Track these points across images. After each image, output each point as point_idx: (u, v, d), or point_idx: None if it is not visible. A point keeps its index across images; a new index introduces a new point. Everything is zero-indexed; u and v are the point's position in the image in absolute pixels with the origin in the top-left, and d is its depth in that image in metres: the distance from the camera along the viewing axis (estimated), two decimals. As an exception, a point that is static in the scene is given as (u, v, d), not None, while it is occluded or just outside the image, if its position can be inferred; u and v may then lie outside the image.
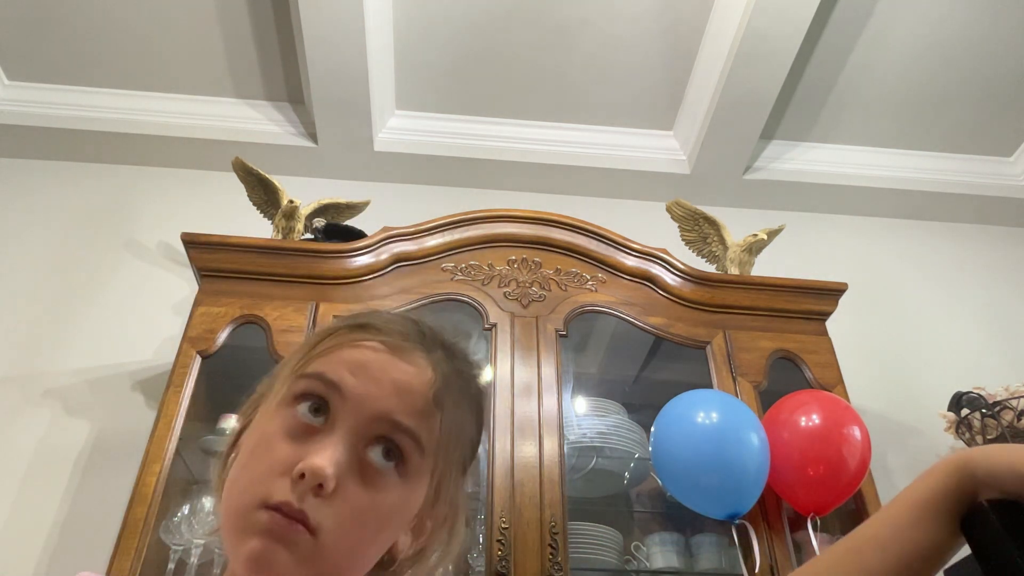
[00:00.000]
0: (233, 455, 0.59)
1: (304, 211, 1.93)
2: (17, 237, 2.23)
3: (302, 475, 0.51)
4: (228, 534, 0.53)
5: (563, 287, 1.79)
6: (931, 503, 0.50)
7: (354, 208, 2.10)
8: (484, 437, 0.66)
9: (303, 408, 0.55)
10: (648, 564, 1.67)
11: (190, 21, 2.22)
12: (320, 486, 0.51)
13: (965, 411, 1.96)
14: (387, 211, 2.17)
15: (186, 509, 1.47)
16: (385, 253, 1.78)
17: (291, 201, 1.90)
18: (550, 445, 1.54)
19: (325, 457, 0.51)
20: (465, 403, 0.62)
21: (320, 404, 0.55)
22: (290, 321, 1.64)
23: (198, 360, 1.58)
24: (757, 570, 1.41)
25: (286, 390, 0.57)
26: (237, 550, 0.51)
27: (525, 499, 1.46)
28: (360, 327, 0.60)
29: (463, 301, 1.74)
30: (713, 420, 1.44)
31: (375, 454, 0.54)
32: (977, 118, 2.51)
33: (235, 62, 2.33)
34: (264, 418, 0.57)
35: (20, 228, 2.25)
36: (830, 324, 1.85)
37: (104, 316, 2.08)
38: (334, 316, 1.66)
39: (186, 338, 1.61)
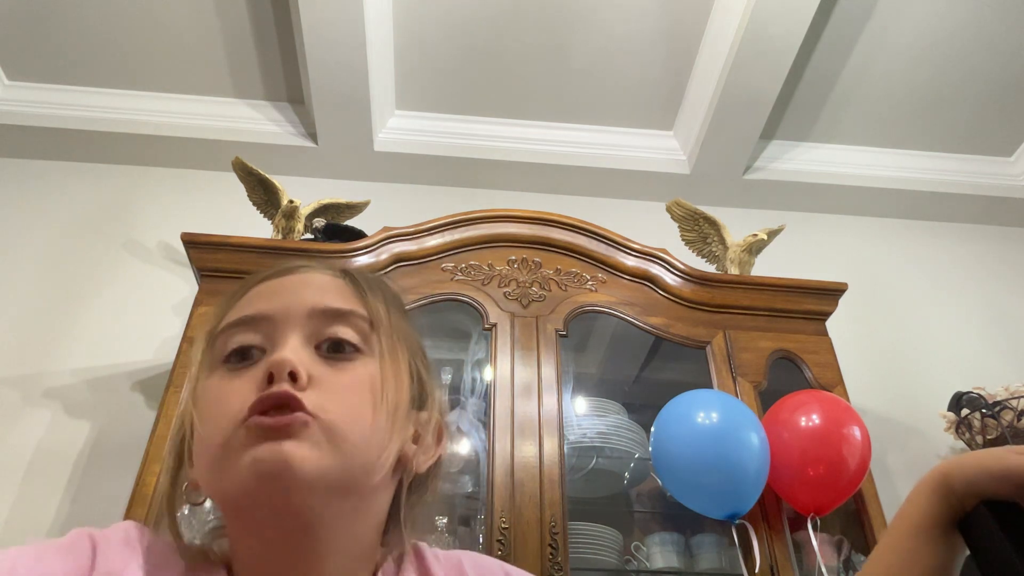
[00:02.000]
0: (186, 463, 0.55)
1: (304, 211, 1.93)
2: (17, 237, 2.23)
3: (270, 377, 0.48)
4: (213, 471, 0.49)
5: (563, 287, 1.79)
6: (927, 528, 0.53)
7: (354, 208, 2.10)
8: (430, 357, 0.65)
9: (233, 361, 0.52)
10: (648, 564, 1.67)
11: (190, 21, 2.22)
12: (292, 375, 0.48)
13: (965, 411, 1.96)
14: (387, 211, 2.17)
15: (186, 509, 1.47)
16: (385, 253, 1.78)
17: (291, 201, 1.90)
18: (550, 445, 1.54)
19: (284, 351, 0.50)
20: (388, 299, 0.60)
21: (244, 351, 0.52)
22: (290, 321, 1.64)
23: (198, 360, 1.58)
24: (757, 570, 1.41)
25: (210, 356, 0.54)
26: (231, 475, 0.47)
27: (525, 499, 1.46)
28: (250, 277, 0.60)
29: (463, 301, 1.74)
30: (713, 420, 1.44)
31: (329, 346, 0.53)
32: (977, 118, 2.51)
33: (235, 62, 2.33)
34: (201, 389, 0.53)
35: (20, 228, 2.25)
36: (830, 324, 1.85)
37: (104, 316, 2.08)
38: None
39: (186, 338, 1.61)
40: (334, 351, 0.53)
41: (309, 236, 1.95)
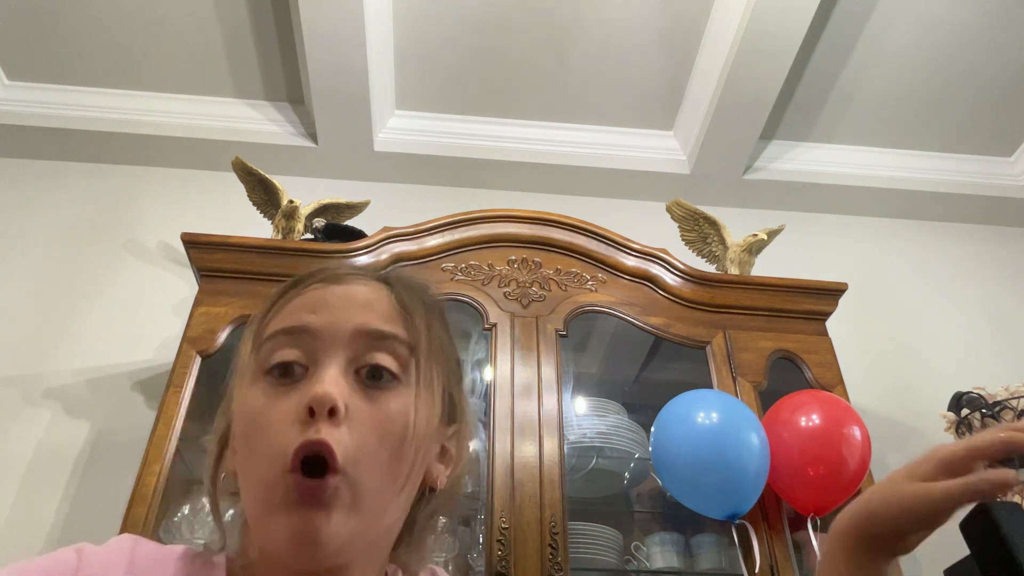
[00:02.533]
0: (228, 451, 0.57)
1: (304, 211, 1.93)
2: (17, 237, 2.23)
3: (311, 410, 0.49)
4: (256, 513, 0.51)
5: (563, 287, 1.79)
6: None
7: (354, 208, 2.10)
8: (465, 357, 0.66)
9: (276, 375, 0.53)
10: (648, 564, 1.67)
11: (190, 21, 2.22)
12: (332, 411, 0.49)
13: (965, 411, 1.95)
14: (387, 211, 2.17)
15: (186, 509, 1.47)
16: (385, 253, 1.78)
17: (291, 201, 1.90)
18: (550, 445, 1.54)
19: (325, 383, 0.50)
20: (429, 311, 0.60)
21: (287, 367, 0.53)
22: (290, 321, 1.64)
23: (198, 360, 1.58)
24: (757, 570, 1.41)
25: (255, 363, 0.55)
26: (269, 532, 0.49)
27: (525, 499, 1.46)
28: (300, 280, 0.59)
29: (463, 301, 1.74)
30: (713, 420, 1.44)
31: (368, 372, 0.53)
32: (977, 118, 2.51)
33: (235, 62, 2.33)
34: (245, 398, 0.55)
35: (20, 228, 2.25)
36: (830, 324, 1.85)
37: (104, 316, 2.08)
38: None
39: (186, 338, 1.61)
40: (372, 377, 0.54)
41: (309, 236, 1.95)
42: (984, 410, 1.92)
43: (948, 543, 1.84)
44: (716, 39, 2.21)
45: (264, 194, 2.01)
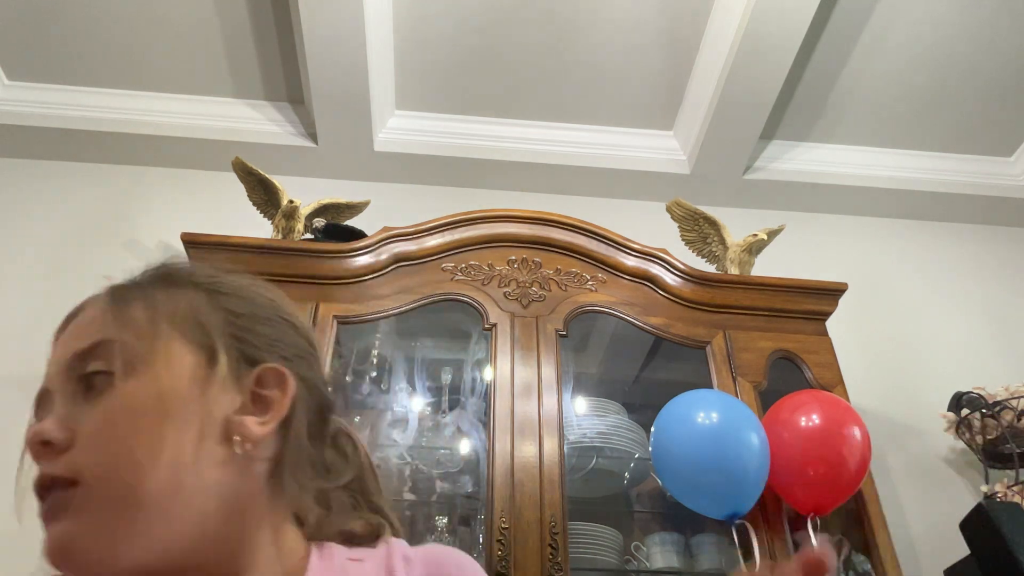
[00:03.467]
0: None
1: (304, 211, 1.93)
2: (17, 237, 2.23)
3: (32, 447, 0.52)
4: None
5: (563, 287, 1.79)
6: None
7: (354, 208, 2.10)
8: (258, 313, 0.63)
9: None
10: (648, 564, 1.67)
11: (190, 21, 2.22)
12: (48, 443, 0.51)
13: (965, 411, 1.96)
14: (387, 211, 2.17)
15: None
16: (385, 253, 1.78)
17: (291, 201, 1.90)
18: (550, 445, 1.54)
19: (34, 423, 0.54)
20: (154, 284, 0.60)
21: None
22: (290, 321, 1.64)
23: (198, 360, 1.58)
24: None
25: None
26: None
27: (525, 499, 1.46)
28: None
29: (463, 301, 1.74)
30: (713, 420, 1.44)
31: (84, 384, 0.54)
32: (977, 118, 2.51)
33: (235, 62, 2.33)
34: None
35: (20, 228, 2.25)
36: (830, 324, 1.85)
37: (104, 316, 2.08)
38: (334, 316, 1.66)
39: (186, 338, 1.61)
40: (89, 388, 0.54)
41: (309, 236, 1.95)
42: (984, 410, 1.92)
43: (948, 543, 1.85)
44: (716, 39, 2.21)
45: (264, 194, 2.01)
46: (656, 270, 1.84)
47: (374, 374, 1.81)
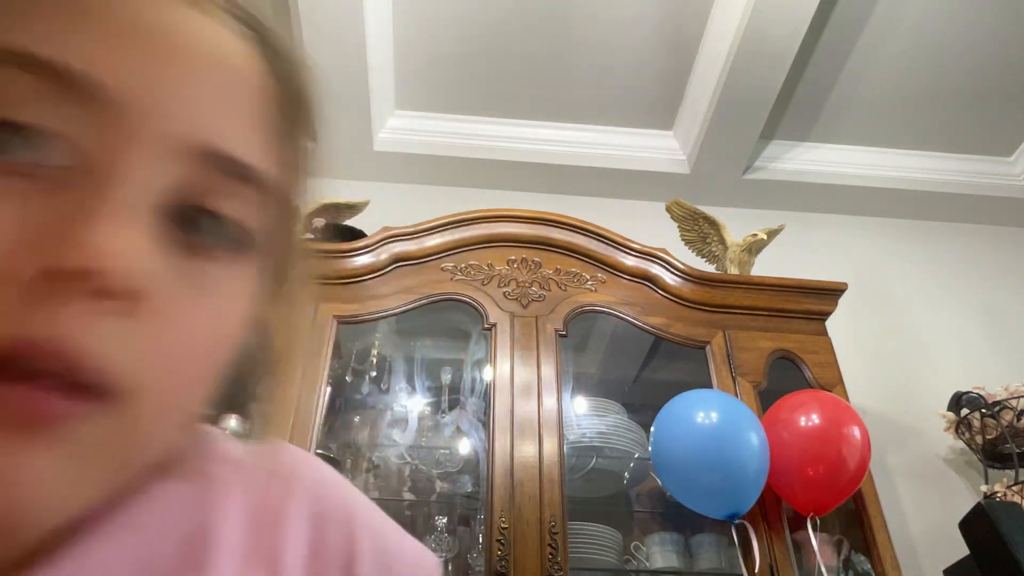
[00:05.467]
0: None
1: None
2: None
3: (75, 273, 0.25)
4: None
5: (563, 287, 1.79)
6: None
7: (354, 208, 2.09)
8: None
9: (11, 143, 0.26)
10: (648, 564, 1.67)
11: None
12: (118, 295, 0.25)
13: (965, 411, 1.96)
14: (387, 211, 2.16)
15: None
16: (385, 253, 1.78)
17: (291, 201, 1.90)
18: (550, 445, 1.54)
19: (119, 237, 0.25)
20: (305, 116, 0.37)
21: (27, 137, 0.26)
22: (290, 321, 1.64)
23: (198, 360, 1.58)
24: (757, 570, 1.41)
25: None
26: None
27: (525, 499, 1.46)
28: None
29: (463, 301, 1.74)
30: (713, 420, 1.44)
31: (200, 227, 0.29)
32: (977, 118, 2.51)
33: (235, 62, 2.33)
34: None
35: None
36: (830, 324, 1.85)
37: (104, 316, 2.08)
38: (334, 316, 1.66)
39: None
40: (211, 234, 0.30)
41: (309, 236, 1.95)
42: (984, 410, 1.92)
43: (948, 543, 1.85)
44: (716, 39, 2.21)
45: (264, 194, 2.01)
46: (656, 270, 1.84)
47: (374, 374, 1.81)
